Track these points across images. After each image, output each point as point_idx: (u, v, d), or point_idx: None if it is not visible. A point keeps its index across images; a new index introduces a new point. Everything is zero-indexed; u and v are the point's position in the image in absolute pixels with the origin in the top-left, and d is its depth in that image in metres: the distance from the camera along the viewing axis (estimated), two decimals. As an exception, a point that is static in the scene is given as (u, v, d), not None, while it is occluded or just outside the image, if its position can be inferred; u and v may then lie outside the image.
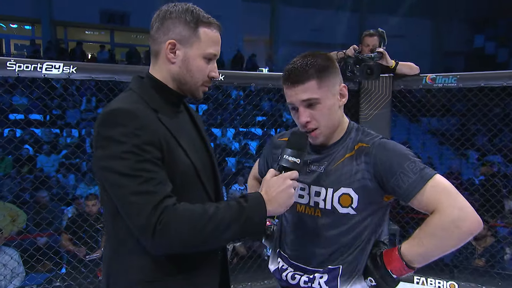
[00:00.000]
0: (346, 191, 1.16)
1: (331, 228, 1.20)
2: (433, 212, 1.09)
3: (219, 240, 1.00)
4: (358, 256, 1.19)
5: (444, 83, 2.93)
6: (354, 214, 1.17)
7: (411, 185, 1.10)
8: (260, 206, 1.03)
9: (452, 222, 1.05)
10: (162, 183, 0.98)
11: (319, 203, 1.20)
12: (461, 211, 1.06)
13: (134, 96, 1.07)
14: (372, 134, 1.22)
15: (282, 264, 1.31)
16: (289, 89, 1.17)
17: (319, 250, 1.21)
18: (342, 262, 1.19)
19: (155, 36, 1.10)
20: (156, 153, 0.99)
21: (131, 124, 0.98)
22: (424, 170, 1.11)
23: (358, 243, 1.19)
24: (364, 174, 1.15)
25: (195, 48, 1.08)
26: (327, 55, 1.19)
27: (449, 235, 1.06)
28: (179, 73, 1.10)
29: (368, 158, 1.15)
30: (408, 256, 1.11)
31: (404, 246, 1.12)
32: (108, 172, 0.97)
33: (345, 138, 1.23)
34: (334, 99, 1.18)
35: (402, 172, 1.10)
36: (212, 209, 0.99)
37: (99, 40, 13.70)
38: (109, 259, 1.09)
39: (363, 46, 3.11)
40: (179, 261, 1.06)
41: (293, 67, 1.16)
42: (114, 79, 2.15)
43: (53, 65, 2.05)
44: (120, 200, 0.97)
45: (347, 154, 1.20)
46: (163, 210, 0.95)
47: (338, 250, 1.20)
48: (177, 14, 1.08)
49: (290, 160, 1.09)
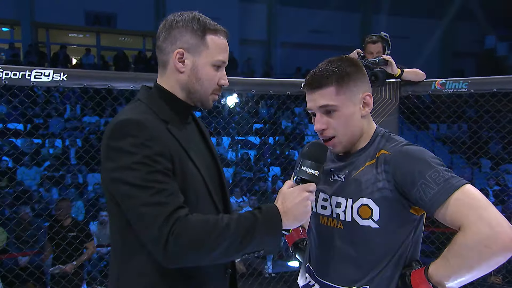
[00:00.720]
0: (366, 202, 1.15)
1: (353, 242, 1.18)
2: (460, 229, 1.04)
3: (231, 252, 1.02)
4: (387, 276, 1.15)
5: (454, 88, 2.97)
6: (376, 228, 1.14)
7: (433, 197, 1.05)
8: (275, 218, 1.05)
9: (479, 241, 0.99)
10: (174, 194, 1.01)
11: (340, 215, 1.20)
12: (491, 228, 0.99)
13: (143, 107, 1.12)
14: (397, 140, 1.20)
15: (309, 279, 1.30)
16: (308, 94, 1.20)
17: (343, 267, 1.20)
18: (370, 282, 1.16)
19: (162, 46, 1.15)
20: (167, 164, 1.03)
21: (141, 135, 1.02)
22: (450, 180, 1.06)
23: (385, 261, 1.16)
24: (385, 184, 1.13)
25: (203, 56, 1.13)
26: (353, 61, 1.21)
27: (478, 256, 1.00)
28: (188, 82, 1.14)
29: (388, 166, 1.13)
30: (435, 278, 1.07)
31: (432, 267, 1.09)
32: (119, 184, 1.01)
33: (369, 146, 1.22)
34: (355, 108, 1.18)
35: (424, 183, 1.06)
36: (225, 220, 1.02)
37: (84, 43, 13.75)
38: (118, 275, 1.11)
39: (366, 53, 3.13)
40: (188, 277, 1.09)
41: (314, 72, 1.19)
42: (107, 86, 2.19)
43: (43, 72, 2.11)
44: (132, 211, 1.01)
45: (368, 162, 1.19)
46: (176, 221, 0.98)
47: (363, 267, 1.17)
48: (184, 23, 1.13)
49: (308, 172, 1.11)
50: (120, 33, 14.02)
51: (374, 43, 3.11)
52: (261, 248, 1.05)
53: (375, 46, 3.10)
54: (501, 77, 3.04)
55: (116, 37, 14.19)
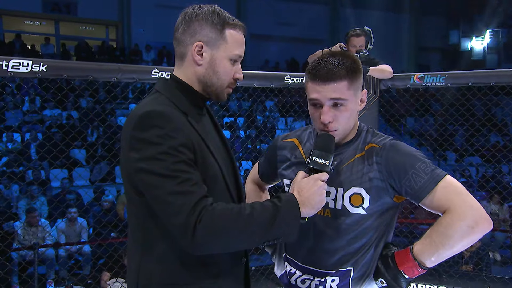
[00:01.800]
0: (357, 190, 1.26)
1: (341, 228, 1.29)
2: (445, 212, 1.20)
3: (254, 240, 1.10)
4: (368, 258, 1.29)
5: (432, 82, 3.17)
6: (364, 215, 1.27)
7: (423, 185, 1.21)
8: (294, 207, 1.12)
9: (464, 222, 1.16)
10: (198, 183, 1.08)
11: (329, 203, 1.29)
12: (474, 211, 1.17)
13: (163, 98, 1.18)
14: (382, 135, 1.34)
15: (290, 268, 1.38)
16: (317, 85, 1.23)
17: (329, 252, 1.30)
18: (353, 264, 1.28)
19: (181, 38, 1.19)
20: (190, 155, 1.09)
21: (166, 126, 1.08)
22: (435, 170, 1.22)
23: (368, 244, 1.29)
24: (376, 174, 1.25)
25: (221, 50, 1.19)
26: (354, 58, 1.29)
27: (462, 235, 1.16)
28: (205, 75, 1.20)
29: (380, 158, 1.26)
30: (420, 256, 1.21)
31: (416, 247, 1.23)
32: (144, 174, 1.06)
33: (356, 139, 1.33)
34: (357, 103, 1.29)
35: (414, 173, 1.21)
36: (248, 209, 1.08)
37: (41, 31, 13.27)
38: (138, 265, 1.17)
39: (349, 46, 3.24)
40: (207, 265, 1.16)
41: (325, 63, 1.23)
42: (89, 78, 2.22)
43: (21, 62, 2.10)
44: (158, 200, 1.06)
45: (357, 154, 1.30)
46: (202, 209, 1.04)
47: (348, 251, 1.29)
48: (204, 16, 1.18)
49: (320, 162, 1.19)
50: (81, 22, 13.61)
51: (358, 36, 3.22)
52: (281, 235, 1.11)
53: (359, 40, 3.22)
54: (476, 71, 3.27)
55: (77, 25, 13.77)
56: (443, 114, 5.45)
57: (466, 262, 4.49)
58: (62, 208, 4.91)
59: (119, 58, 11.51)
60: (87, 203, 5.88)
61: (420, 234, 1.28)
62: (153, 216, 1.11)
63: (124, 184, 1.18)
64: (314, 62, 1.27)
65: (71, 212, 5.12)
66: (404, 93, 4.23)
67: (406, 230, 4.39)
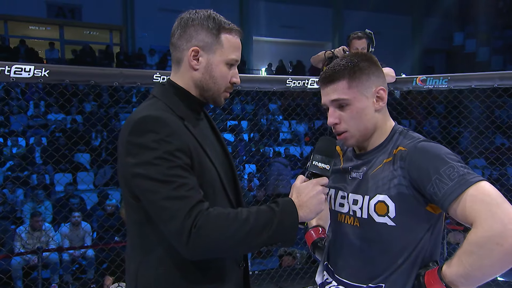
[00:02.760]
0: (382, 198, 1.17)
1: (369, 239, 1.21)
2: (472, 226, 1.04)
3: (251, 245, 1.09)
4: (404, 275, 1.17)
5: (435, 84, 3.17)
6: (393, 226, 1.16)
7: (446, 192, 1.07)
8: (292, 212, 1.11)
9: (491, 238, 0.99)
10: (194, 188, 1.08)
11: (357, 212, 1.23)
12: (504, 225, 0.99)
13: (160, 104, 1.18)
14: (414, 137, 1.22)
15: (327, 277, 1.34)
16: (322, 89, 1.24)
17: (358, 264, 1.23)
18: (385, 280, 1.18)
19: (177, 43, 1.21)
20: (187, 159, 1.09)
21: (162, 131, 1.08)
22: (464, 176, 1.07)
23: (402, 260, 1.17)
24: (400, 180, 1.15)
25: (218, 55, 1.20)
26: (367, 55, 1.25)
27: (489, 254, 1.00)
28: (202, 80, 1.21)
29: (403, 163, 1.16)
30: (448, 278, 1.07)
31: (445, 267, 1.09)
32: (140, 179, 1.07)
33: (386, 143, 1.24)
34: (368, 101, 1.21)
35: (438, 178, 1.08)
36: (245, 213, 1.08)
37: (46, 36, 13.38)
38: (136, 270, 1.17)
39: (351, 49, 3.25)
40: (206, 270, 1.16)
41: (328, 67, 1.23)
42: (91, 82, 2.24)
43: (23, 68, 2.13)
44: (154, 205, 1.06)
45: (385, 159, 1.21)
46: (198, 214, 1.04)
47: (378, 266, 1.20)
48: (199, 21, 1.19)
49: (320, 167, 1.17)
50: (85, 26, 13.72)
51: (360, 38, 3.25)
52: (278, 240, 1.10)
53: (361, 42, 3.23)
54: (479, 73, 3.27)
55: (81, 30, 13.88)
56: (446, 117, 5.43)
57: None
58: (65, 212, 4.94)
59: (123, 62, 11.58)
60: (90, 207, 5.91)
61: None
62: (151, 221, 1.11)
63: (122, 189, 1.19)
64: None
65: (74, 216, 5.14)
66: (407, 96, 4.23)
67: None
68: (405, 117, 5.33)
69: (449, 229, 4.78)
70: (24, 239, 4.81)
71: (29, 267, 4.69)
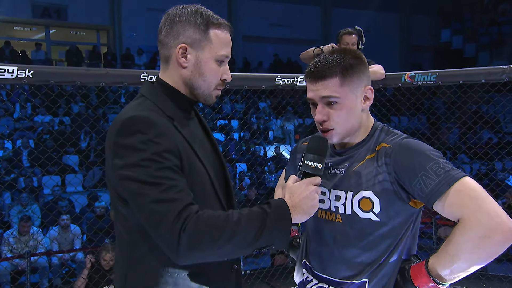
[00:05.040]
0: (366, 194, 1.18)
1: (352, 235, 1.20)
2: (459, 220, 1.07)
3: (243, 248, 1.05)
4: (387, 270, 1.18)
5: (423, 80, 3.19)
6: (377, 221, 1.17)
7: (434, 188, 1.08)
8: (284, 213, 1.08)
9: (477, 231, 1.03)
10: (184, 190, 1.04)
11: (339, 208, 1.23)
12: (490, 218, 1.02)
13: (148, 103, 1.14)
14: (397, 133, 1.23)
15: (307, 275, 1.32)
16: (310, 84, 1.21)
17: (342, 260, 1.22)
18: (369, 276, 1.19)
19: (164, 41, 1.16)
20: (176, 161, 1.06)
21: (150, 132, 1.04)
22: (450, 172, 1.09)
23: (385, 254, 1.18)
24: (385, 176, 1.16)
25: (206, 51, 1.15)
26: (357, 52, 1.23)
27: (477, 246, 1.03)
28: (191, 77, 1.16)
29: (388, 159, 1.16)
30: (435, 271, 1.09)
31: (431, 260, 1.11)
32: (128, 181, 1.03)
33: (368, 139, 1.25)
34: (356, 100, 1.21)
35: (424, 174, 1.10)
36: (235, 215, 1.04)
37: (32, 37, 13.19)
38: (125, 274, 1.15)
39: (341, 45, 3.27)
40: (196, 273, 1.13)
41: (318, 61, 1.21)
42: (77, 83, 2.20)
43: (6, 69, 2.07)
44: (142, 208, 1.03)
45: (368, 155, 1.22)
46: (187, 217, 1.00)
47: (363, 261, 1.20)
48: (187, 17, 1.14)
49: (312, 166, 1.14)
50: (71, 27, 13.56)
51: (350, 34, 3.27)
52: (271, 242, 1.07)
53: (351, 38, 3.26)
54: (467, 69, 3.30)
55: (67, 31, 13.71)
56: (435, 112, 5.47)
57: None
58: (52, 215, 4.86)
59: (111, 62, 11.47)
60: (79, 210, 5.84)
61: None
62: (139, 225, 1.08)
63: (110, 191, 1.15)
64: (312, 62, 1.23)
65: (63, 219, 5.07)
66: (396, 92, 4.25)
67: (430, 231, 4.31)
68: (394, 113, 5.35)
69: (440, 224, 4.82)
70: (12, 243, 4.73)
71: (17, 272, 4.61)
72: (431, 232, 4.28)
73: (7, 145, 7.63)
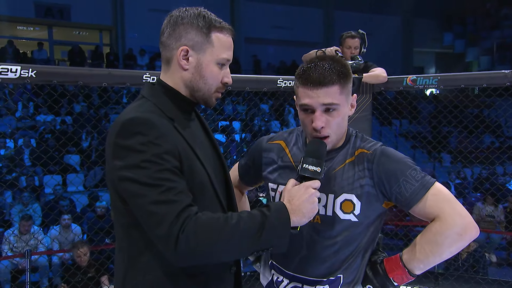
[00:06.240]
0: (348, 197, 1.25)
1: (331, 235, 1.26)
2: (435, 220, 1.21)
3: (241, 251, 1.06)
4: (357, 264, 1.28)
5: (425, 84, 3.19)
6: (355, 222, 1.25)
7: (414, 192, 1.21)
8: (284, 216, 1.08)
9: (453, 229, 1.18)
10: (183, 192, 1.04)
11: (319, 210, 1.25)
12: (463, 219, 1.19)
13: (149, 104, 1.14)
14: (371, 141, 1.32)
15: (277, 276, 1.35)
16: (309, 90, 1.21)
17: (319, 259, 1.27)
18: (343, 271, 1.27)
19: (166, 42, 1.17)
20: (175, 162, 1.06)
21: (150, 133, 1.04)
22: (425, 178, 1.22)
23: (357, 250, 1.28)
24: (367, 181, 1.24)
25: (208, 54, 1.16)
26: (344, 62, 1.27)
27: (451, 242, 1.18)
28: (191, 79, 1.17)
29: (371, 165, 1.24)
30: (410, 264, 1.22)
31: (406, 255, 1.24)
32: (128, 182, 1.03)
33: (345, 144, 1.31)
34: (348, 108, 1.28)
35: (405, 180, 1.21)
36: (235, 218, 1.05)
37: (34, 37, 13.22)
38: (124, 275, 1.15)
39: (344, 48, 3.27)
40: (195, 275, 1.13)
41: (315, 68, 1.21)
42: (79, 83, 2.20)
43: (9, 68, 2.08)
44: (141, 210, 1.03)
45: (347, 159, 1.28)
46: (186, 219, 1.01)
47: (339, 258, 1.27)
48: (189, 19, 1.15)
49: (311, 169, 1.15)
50: (74, 27, 13.59)
51: (353, 38, 3.27)
52: (270, 246, 1.07)
53: (354, 41, 3.26)
54: (469, 73, 3.31)
55: (70, 30, 13.74)
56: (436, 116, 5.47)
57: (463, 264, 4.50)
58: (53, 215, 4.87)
59: (113, 62, 11.49)
60: (80, 209, 5.85)
61: (415, 236, 1.28)
62: (138, 226, 1.08)
63: (110, 192, 1.16)
64: (303, 67, 1.24)
65: (64, 219, 5.08)
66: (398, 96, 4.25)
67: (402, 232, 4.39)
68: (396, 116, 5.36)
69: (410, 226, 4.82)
70: (12, 242, 4.74)
71: (17, 271, 4.62)
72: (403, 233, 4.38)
73: (9, 144, 7.64)
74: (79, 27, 13.65)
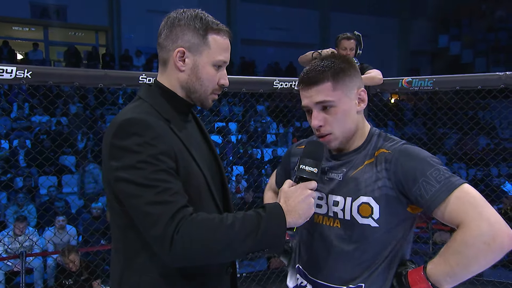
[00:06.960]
0: (366, 200, 1.18)
1: (351, 240, 1.20)
2: (459, 227, 1.08)
3: (236, 252, 1.05)
4: (383, 275, 1.19)
5: (420, 86, 3.22)
6: (376, 227, 1.17)
7: (434, 194, 1.09)
8: (279, 217, 1.08)
9: (478, 238, 1.03)
10: (179, 193, 1.05)
11: (338, 213, 1.22)
12: (490, 225, 1.03)
13: (145, 105, 1.15)
14: (395, 139, 1.24)
15: (301, 280, 1.32)
16: (303, 91, 1.22)
17: (339, 265, 1.22)
18: (365, 280, 1.19)
19: (163, 43, 1.18)
20: (171, 163, 1.07)
21: (146, 134, 1.05)
22: (450, 178, 1.10)
23: (381, 259, 1.19)
24: (385, 182, 1.16)
25: (204, 56, 1.16)
26: (346, 57, 1.25)
27: (477, 253, 1.03)
28: (188, 81, 1.18)
29: (389, 165, 1.16)
30: (434, 277, 1.09)
31: (429, 266, 1.11)
32: (124, 183, 1.04)
33: (366, 145, 1.25)
34: (351, 103, 1.22)
35: (425, 181, 1.10)
36: (230, 219, 1.04)
37: (29, 37, 13.17)
38: (120, 276, 1.15)
39: (339, 49, 3.30)
40: (191, 276, 1.14)
41: (308, 69, 1.22)
42: (75, 84, 2.20)
43: (4, 69, 2.07)
44: (136, 210, 1.04)
45: (366, 160, 1.22)
46: (181, 219, 1.01)
47: (359, 266, 1.20)
48: (186, 21, 1.15)
49: (308, 170, 1.14)
50: (70, 27, 13.54)
51: (349, 39, 3.30)
52: (265, 247, 1.07)
53: (349, 43, 3.29)
54: (464, 75, 3.33)
55: (66, 31, 13.69)
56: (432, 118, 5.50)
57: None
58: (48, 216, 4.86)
59: (109, 63, 11.46)
60: (75, 211, 5.83)
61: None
62: (134, 226, 1.08)
63: (106, 193, 1.16)
64: (303, 70, 1.25)
65: (60, 220, 5.06)
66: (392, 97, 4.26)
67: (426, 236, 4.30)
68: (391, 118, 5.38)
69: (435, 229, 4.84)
70: (7, 243, 4.71)
71: (12, 272, 4.59)
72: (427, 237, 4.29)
73: (4, 145, 7.60)
74: (75, 27, 13.60)
